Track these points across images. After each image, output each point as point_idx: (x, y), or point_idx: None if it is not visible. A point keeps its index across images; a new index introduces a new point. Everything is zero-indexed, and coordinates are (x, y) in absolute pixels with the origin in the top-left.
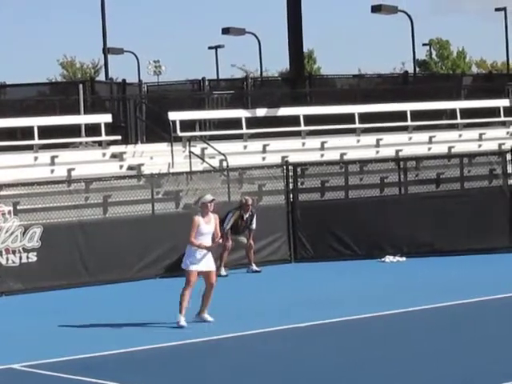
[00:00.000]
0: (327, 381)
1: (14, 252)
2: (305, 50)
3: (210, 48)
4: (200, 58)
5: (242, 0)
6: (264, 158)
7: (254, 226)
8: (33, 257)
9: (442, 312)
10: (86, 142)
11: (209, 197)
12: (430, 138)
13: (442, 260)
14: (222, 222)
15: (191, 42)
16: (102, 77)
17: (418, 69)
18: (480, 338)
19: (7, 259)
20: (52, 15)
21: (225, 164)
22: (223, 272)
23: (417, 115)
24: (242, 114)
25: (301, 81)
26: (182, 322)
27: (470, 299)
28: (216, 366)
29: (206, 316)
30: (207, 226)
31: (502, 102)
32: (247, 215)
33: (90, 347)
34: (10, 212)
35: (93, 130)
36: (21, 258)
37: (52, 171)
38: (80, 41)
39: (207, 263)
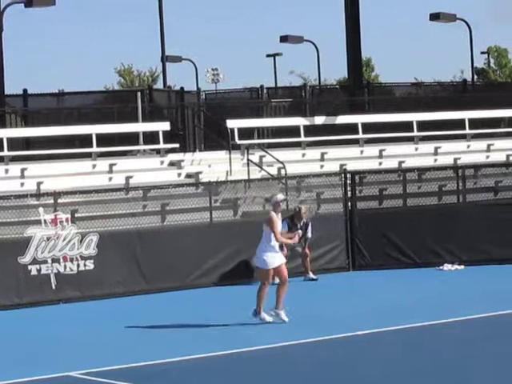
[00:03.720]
0: None
1: (71, 260)
2: (363, 57)
3: (268, 56)
4: (258, 66)
5: (300, 8)
6: (322, 166)
7: (309, 234)
8: (90, 264)
9: (499, 321)
10: (144, 150)
11: (281, 196)
12: (489, 146)
13: (501, 269)
14: None
15: (249, 50)
16: (159, 85)
17: (476, 77)
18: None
19: (65, 267)
20: (109, 23)
21: (283, 172)
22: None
23: (475, 123)
24: (300, 121)
25: (359, 89)
26: (267, 317)
27: None
28: (269, 374)
29: (281, 313)
30: (279, 223)
31: None
32: (301, 224)
33: (147, 355)
34: (67, 220)
35: (151, 137)
36: (78, 265)
37: (110, 179)
38: (137, 49)
39: (280, 257)
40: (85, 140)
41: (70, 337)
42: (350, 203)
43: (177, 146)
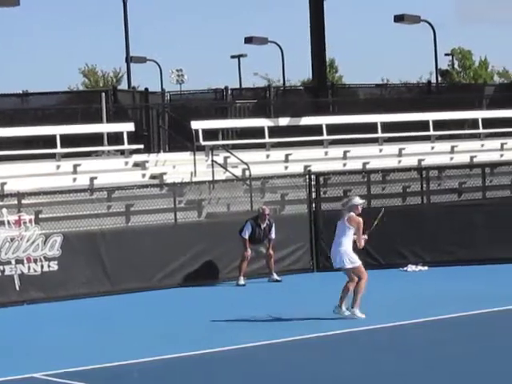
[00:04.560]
0: None
1: (35, 261)
2: (327, 58)
3: (232, 57)
4: (223, 67)
5: (264, 9)
6: (286, 167)
7: (273, 235)
8: (54, 265)
9: (465, 321)
10: (109, 151)
11: (359, 199)
12: (452, 147)
13: (465, 269)
14: (240, 231)
15: (214, 51)
16: (123, 85)
17: (440, 79)
18: (489, 349)
19: (29, 268)
20: (74, 23)
21: (247, 173)
22: (241, 281)
23: (439, 125)
24: (264, 123)
25: (323, 90)
26: (359, 314)
27: (487, 309)
28: (240, 374)
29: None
30: None
31: None
32: (264, 224)
33: (112, 356)
34: (31, 221)
35: (115, 138)
36: (42, 266)
37: (74, 180)
38: (101, 49)
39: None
40: (49, 141)
41: (34, 338)
42: (314, 204)
43: (141, 146)
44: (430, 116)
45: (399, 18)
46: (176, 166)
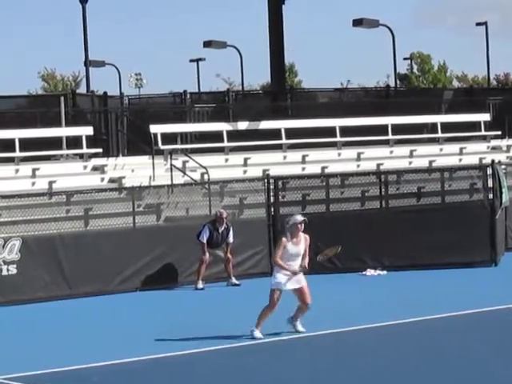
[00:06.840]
0: None
1: None
2: (286, 63)
3: (191, 61)
4: (181, 71)
5: (224, 13)
6: (245, 172)
7: (231, 239)
8: (13, 269)
9: (417, 327)
10: (68, 155)
11: (299, 217)
12: (411, 151)
13: (423, 274)
14: (197, 234)
15: (173, 55)
16: (82, 89)
17: (399, 83)
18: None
19: None
20: (33, 27)
21: (206, 177)
22: (200, 285)
23: (398, 129)
24: (223, 127)
25: (282, 94)
26: (258, 334)
27: (446, 314)
28: (186, 379)
29: (298, 325)
30: (295, 248)
31: (483, 117)
32: (222, 228)
33: (70, 360)
34: None
35: (74, 142)
36: (1, 270)
37: (33, 184)
38: (60, 53)
39: (294, 281)
40: (8, 145)
41: None
42: (272, 208)
43: (100, 150)
44: (389, 120)
45: (358, 22)
46: (135, 169)
